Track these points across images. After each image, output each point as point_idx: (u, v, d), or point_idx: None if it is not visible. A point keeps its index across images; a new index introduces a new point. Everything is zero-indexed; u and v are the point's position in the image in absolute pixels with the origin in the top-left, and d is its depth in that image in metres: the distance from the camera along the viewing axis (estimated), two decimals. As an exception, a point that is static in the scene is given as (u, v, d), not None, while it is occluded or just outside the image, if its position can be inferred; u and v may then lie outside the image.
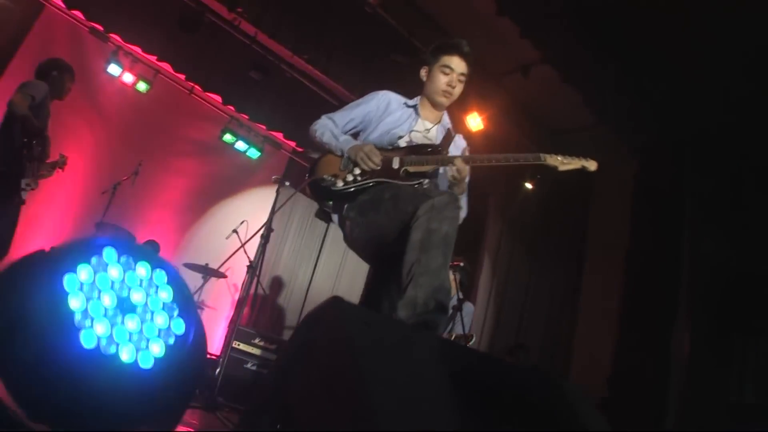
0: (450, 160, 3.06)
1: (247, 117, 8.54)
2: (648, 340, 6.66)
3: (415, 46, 6.84)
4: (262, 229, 5.49)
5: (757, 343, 6.66)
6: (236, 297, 8.48)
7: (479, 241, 8.46)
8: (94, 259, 1.42)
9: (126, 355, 1.38)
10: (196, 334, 1.54)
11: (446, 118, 3.49)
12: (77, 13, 6.90)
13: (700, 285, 6.82)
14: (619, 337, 6.90)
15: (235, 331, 5.62)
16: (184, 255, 7.87)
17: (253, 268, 5.73)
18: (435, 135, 3.37)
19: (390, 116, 3.32)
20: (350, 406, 1.31)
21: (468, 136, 6.99)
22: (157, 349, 1.45)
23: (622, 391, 6.45)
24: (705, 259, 6.89)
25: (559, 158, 3.19)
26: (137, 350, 1.41)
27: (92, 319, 1.36)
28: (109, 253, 1.46)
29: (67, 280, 1.38)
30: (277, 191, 6.14)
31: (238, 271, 7.50)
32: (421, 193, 2.88)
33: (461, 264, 5.51)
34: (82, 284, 1.39)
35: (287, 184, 6.07)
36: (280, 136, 9.07)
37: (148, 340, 1.44)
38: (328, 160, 3.19)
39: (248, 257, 6.06)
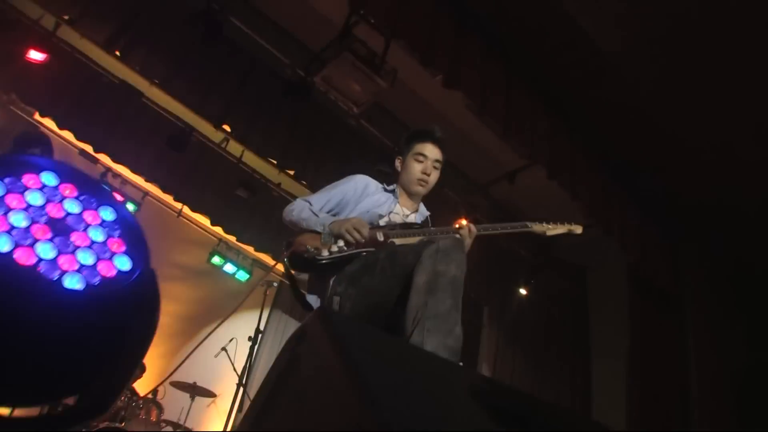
0: (437, 232, 2.97)
1: (235, 238, 8.48)
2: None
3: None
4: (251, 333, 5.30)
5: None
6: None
7: (476, 353, 8.23)
8: (27, 177, 1.28)
9: (50, 272, 1.21)
10: (144, 276, 1.35)
11: (423, 208, 3.39)
12: (68, 134, 6.95)
13: (712, 381, 6.59)
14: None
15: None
16: (172, 375, 7.59)
17: (243, 385, 5.47)
18: (414, 221, 3.25)
19: (368, 198, 3.20)
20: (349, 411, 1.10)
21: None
22: (92, 277, 1.27)
23: None
24: (713, 355, 6.70)
25: (545, 225, 3.17)
26: (64, 273, 1.23)
27: (11, 228, 1.21)
28: (48, 177, 1.32)
29: None
30: (265, 293, 6.00)
31: (228, 394, 7.21)
32: (421, 243, 2.66)
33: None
34: (6, 194, 1.25)
35: (275, 284, 5.95)
36: (268, 258, 9.00)
37: (81, 265, 1.27)
38: (307, 236, 2.99)
39: (237, 373, 5.83)
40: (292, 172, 7.39)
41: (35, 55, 6.34)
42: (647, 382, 6.75)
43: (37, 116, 7.30)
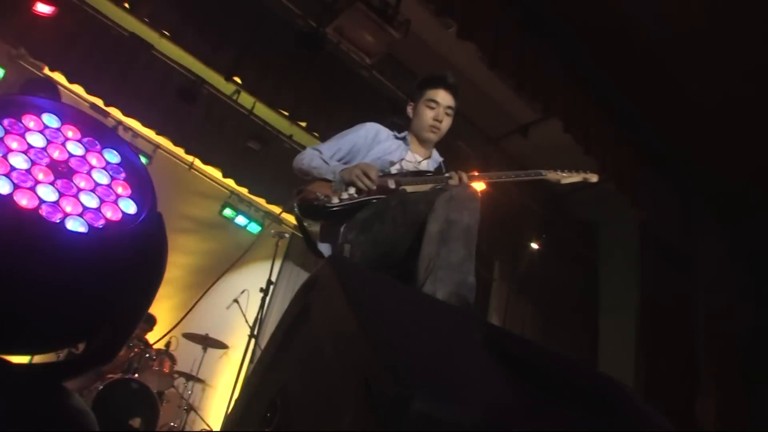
0: (449, 178, 2.92)
1: (246, 190, 8.46)
2: (671, 409, 6.33)
3: (413, 108, 6.84)
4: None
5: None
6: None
7: (486, 306, 8.24)
8: (28, 118, 1.25)
9: (51, 215, 1.18)
10: (150, 219, 1.32)
11: (436, 154, 3.34)
12: (78, 89, 6.91)
13: (720, 343, 6.57)
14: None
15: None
16: (184, 327, 7.66)
17: (255, 337, 5.50)
18: (426, 168, 3.20)
19: (379, 145, 3.14)
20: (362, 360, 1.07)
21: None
22: (97, 221, 1.25)
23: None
24: (721, 315, 6.67)
25: (559, 172, 3.10)
26: (67, 216, 1.21)
27: (11, 169, 1.18)
28: (49, 119, 1.28)
29: None
30: (276, 245, 5.98)
31: (240, 345, 7.28)
32: (434, 191, 2.64)
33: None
34: (5, 135, 1.22)
35: (286, 236, 5.94)
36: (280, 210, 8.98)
37: (85, 208, 1.24)
38: (318, 184, 2.94)
39: (249, 325, 5.86)
40: (304, 124, 7.35)
41: (42, 8, 6.25)
42: (656, 340, 6.75)
43: (46, 70, 7.24)
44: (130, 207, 1.32)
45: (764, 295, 6.82)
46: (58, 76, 6.87)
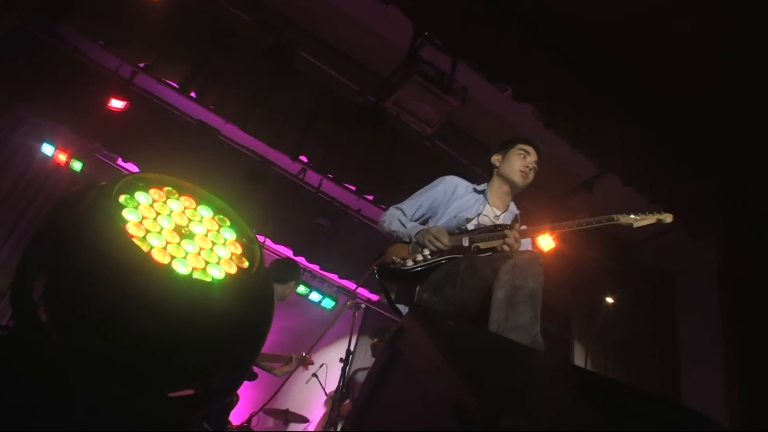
0: (520, 233, 3.01)
1: (318, 267, 8.62)
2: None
3: (477, 173, 6.95)
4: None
5: None
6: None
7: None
8: (152, 190, 1.43)
9: (181, 268, 1.33)
10: (260, 273, 1.47)
11: (513, 206, 3.45)
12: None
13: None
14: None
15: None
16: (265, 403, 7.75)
17: (334, 397, 5.57)
18: (503, 221, 3.30)
19: (457, 201, 3.29)
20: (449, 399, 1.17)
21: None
22: (217, 273, 1.39)
23: None
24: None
25: (632, 216, 3.14)
26: (193, 268, 1.36)
27: (147, 232, 1.34)
28: (170, 190, 1.47)
29: (124, 198, 1.38)
30: (354, 316, 6.08)
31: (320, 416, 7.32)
32: (499, 257, 2.76)
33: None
34: (138, 205, 1.39)
35: (363, 306, 6.04)
36: (353, 285, 9.10)
37: (206, 263, 1.39)
38: (396, 247, 3.13)
39: (326, 393, 5.93)
40: (371, 197, 7.51)
41: (116, 104, 6.70)
42: (747, 387, 6.51)
43: (120, 162, 7.68)
44: (244, 262, 1.48)
45: None
46: (131, 166, 7.29)
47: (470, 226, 3.16)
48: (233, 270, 1.43)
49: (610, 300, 7.83)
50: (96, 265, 1.24)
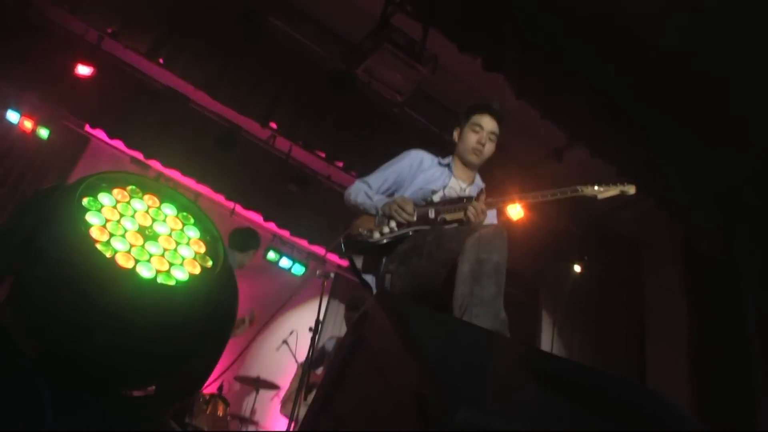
0: (486, 204, 3.04)
1: (288, 233, 8.61)
2: (732, 428, 6.22)
3: (447, 141, 6.94)
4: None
5: None
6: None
7: (536, 333, 8.23)
8: (116, 191, 1.42)
9: (145, 272, 1.33)
10: (224, 272, 1.48)
11: (479, 179, 3.48)
12: (118, 143, 7.20)
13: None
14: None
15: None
16: (236, 370, 7.78)
17: (303, 366, 5.62)
18: (470, 194, 3.33)
19: (423, 173, 3.31)
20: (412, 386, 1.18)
21: (510, 225, 7.00)
22: (181, 275, 1.40)
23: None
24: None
25: (596, 188, 3.18)
26: (157, 271, 1.36)
27: (110, 235, 1.33)
28: (134, 189, 1.45)
29: (87, 201, 1.37)
30: (323, 285, 6.08)
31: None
32: (465, 230, 2.79)
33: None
34: (101, 207, 1.38)
35: (332, 275, 6.06)
36: (323, 250, 9.10)
37: (170, 264, 1.40)
38: (362, 219, 3.15)
39: (297, 362, 5.97)
40: (341, 164, 7.50)
41: (83, 70, 6.58)
42: (707, 357, 6.64)
43: (87, 128, 7.57)
44: (207, 262, 1.48)
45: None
46: (99, 132, 7.19)
47: (436, 198, 3.19)
48: (197, 270, 1.43)
49: (578, 268, 7.92)
50: (60, 272, 1.25)
